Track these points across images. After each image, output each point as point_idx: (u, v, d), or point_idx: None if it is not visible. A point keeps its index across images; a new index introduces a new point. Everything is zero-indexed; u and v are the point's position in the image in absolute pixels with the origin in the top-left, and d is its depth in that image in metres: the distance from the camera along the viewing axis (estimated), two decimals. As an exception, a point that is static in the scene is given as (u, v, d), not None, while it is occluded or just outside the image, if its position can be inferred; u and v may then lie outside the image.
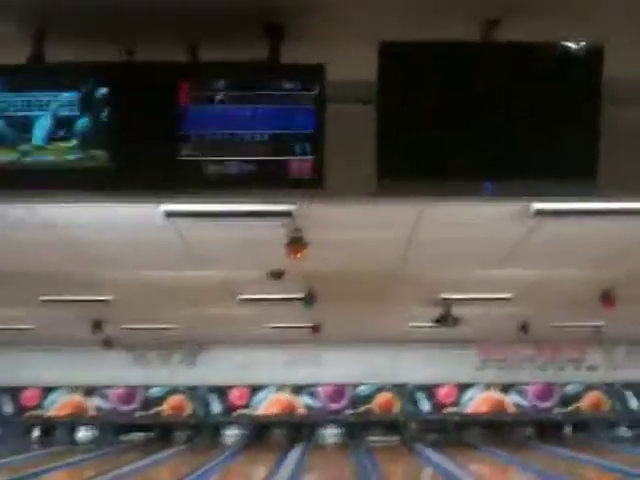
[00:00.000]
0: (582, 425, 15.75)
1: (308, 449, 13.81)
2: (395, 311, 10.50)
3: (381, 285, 8.22)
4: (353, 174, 2.84)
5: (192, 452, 13.92)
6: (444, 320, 9.42)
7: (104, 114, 2.72)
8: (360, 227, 5.39)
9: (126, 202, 3.24)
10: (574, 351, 15.59)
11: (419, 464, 12.43)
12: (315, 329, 11.94)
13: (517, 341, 14.72)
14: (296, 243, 5.62)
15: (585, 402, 15.60)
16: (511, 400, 15.59)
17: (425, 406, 15.61)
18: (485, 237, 5.68)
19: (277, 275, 7.26)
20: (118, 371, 15.40)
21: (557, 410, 15.57)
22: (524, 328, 11.55)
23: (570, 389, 15.62)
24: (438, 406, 15.57)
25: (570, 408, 15.57)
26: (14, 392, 15.69)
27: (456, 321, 9.50)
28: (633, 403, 15.61)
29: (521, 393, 15.63)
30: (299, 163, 2.65)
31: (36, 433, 15.74)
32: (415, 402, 15.63)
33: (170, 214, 5.10)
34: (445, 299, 9.07)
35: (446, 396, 15.63)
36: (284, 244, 5.60)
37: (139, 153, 2.76)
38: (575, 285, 7.94)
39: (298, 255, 5.68)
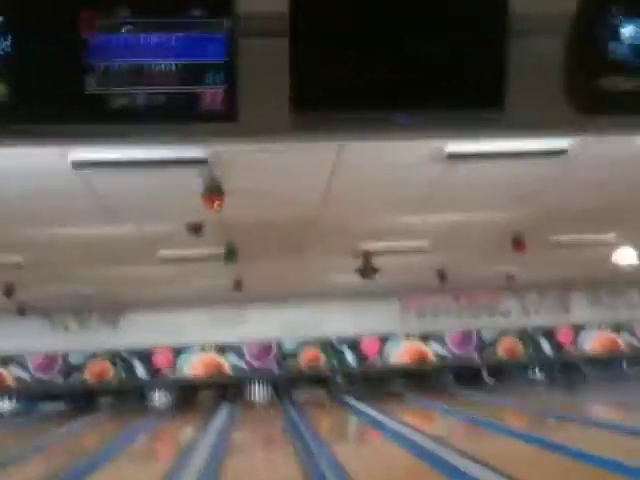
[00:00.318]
0: (499, 370, 16.60)
1: (236, 408, 13.93)
2: (316, 264, 10.62)
3: (301, 235, 8.26)
4: (267, 110, 2.80)
5: (118, 418, 13.76)
6: (365, 271, 9.59)
7: (1, 45, 2.57)
8: (277, 172, 5.37)
9: (27, 143, 3.07)
10: (488, 298, 16.29)
11: (347, 416, 12.79)
12: (237, 286, 11.91)
13: (435, 290, 15.23)
14: (213, 192, 5.54)
15: (501, 347, 16.39)
16: (432, 349, 16.19)
17: (350, 359, 16.00)
18: (401, 181, 5.78)
19: (196, 229, 7.15)
20: (35, 338, 14.92)
21: (475, 356, 16.31)
22: (442, 276, 11.91)
23: (486, 335, 16.37)
24: (363, 358, 15.99)
25: (487, 354, 16.34)
26: None
27: (375, 271, 9.69)
28: (546, 347, 16.53)
29: (441, 341, 16.25)
30: (211, 95, 2.60)
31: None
32: (340, 355, 15.98)
33: (78, 165, 4.92)
34: (364, 250, 9.22)
35: (370, 348, 16.05)
36: (201, 194, 5.53)
37: (41, 86, 2.62)
38: (488, 230, 8.25)
39: (216, 205, 5.61)
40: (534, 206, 7.05)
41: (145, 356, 15.34)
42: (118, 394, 15.30)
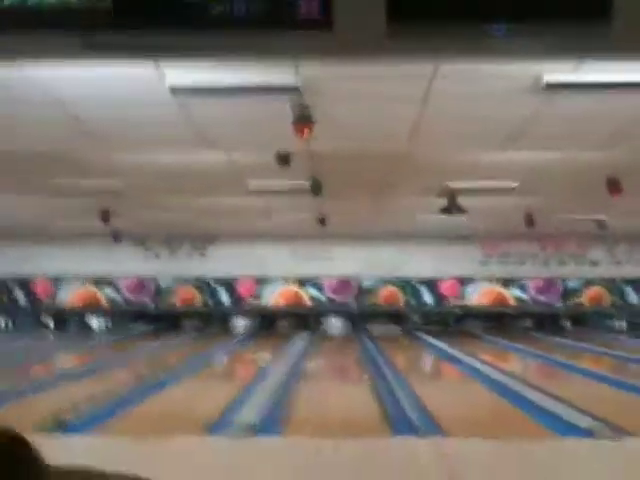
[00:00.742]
0: (581, 318, 16.24)
1: (313, 338, 14.33)
2: (401, 202, 10.57)
3: (388, 172, 8.22)
4: (363, 21, 2.77)
5: (201, 340, 14.44)
6: (450, 209, 9.48)
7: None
8: (368, 100, 5.33)
9: (124, 55, 3.16)
10: (576, 246, 15.79)
11: (423, 352, 12.92)
12: (322, 221, 12.07)
13: (520, 236, 14.90)
14: (303, 120, 5.58)
15: (585, 296, 15.96)
16: (512, 293, 15.97)
17: (428, 299, 16.04)
18: (494, 113, 5.61)
19: (284, 159, 7.24)
20: (128, 263, 15.75)
21: (557, 304, 15.97)
22: (529, 221, 11.60)
23: (571, 284, 15.95)
24: (441, 299, 15.99)
25: (570, 302, 15.96)
26: (27, 284, 16.13)
27: (462, 210, 9.55)
28: (632, 298, 15.97)
29: (522, 287, 15.98)
30: (308, 3, 2.60)
31: (50, 323, 16.33)
32: (418, 295, 16.03)
33: (176, 90, 5.06)
34: (450, 188, 9.09)
35: (449, 289, 16.00)
36: (291, 122, 5.59)
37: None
38: (582, 170, 7.91)
39: (305, 133, 5.66)
40: (635, 146, 6.70)
41: (229, 284, 15.94)
42: (202, 318, 16.05)
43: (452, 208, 9.40)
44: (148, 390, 7.41)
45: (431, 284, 15.99)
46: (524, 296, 15.97)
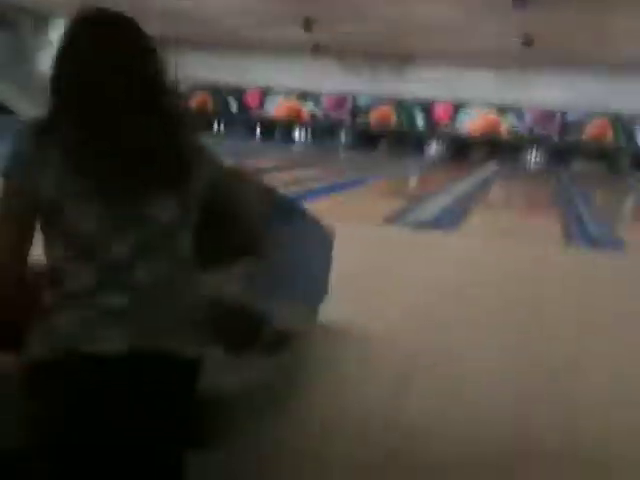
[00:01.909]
0: None
1: (506, 168, 13.94)
2: (623, 23, 9.38)
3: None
4: None
5: (394, 158, 14.73)
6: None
7: None
8: None
9: None
10: None
11: (627, 191, 12.05)
12: (527, 41, 11.19)
13: None
14: None
15: None
16: None
17: (640, 139, 14.61)
18: None
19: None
20: (329, 79, 16.10)
21: None
22: None
23: None
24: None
25: None
26: (238, 93, 17.29)
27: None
28: None
29: None
30: None
31: (258, 131, 17.60)
32: (630, 133, 14.65)
33: None
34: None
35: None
36: None
37: None
38: None
39: None
40: None
41: (426, 107, 15.75)
42: (397, 139, 16.22)
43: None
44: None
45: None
46: None
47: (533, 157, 15.54)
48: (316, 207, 6.39)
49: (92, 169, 1.01)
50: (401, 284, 3.69)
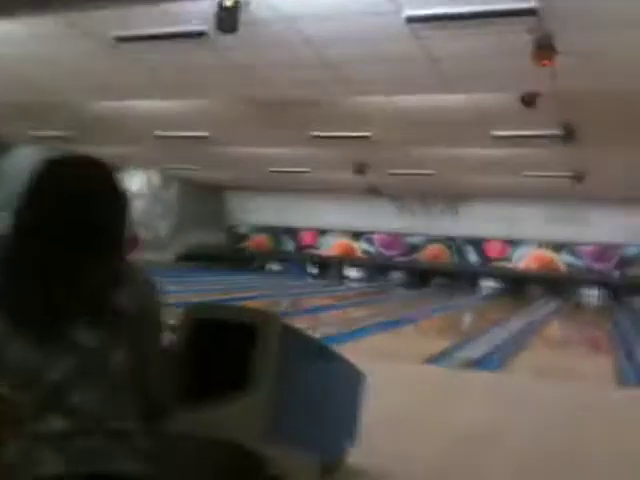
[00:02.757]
0: None
1: (564, 305, 13.62)
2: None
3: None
4: None
5: (448, 294, 14.64)
6: None
7: None
8: (620, 25, 4.93)
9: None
10: None
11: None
12: (578, 178, 11.36)
13: None
14: (543, 49, 5.36)
15: None
16: None
17: None
18: None
19: (530, 100, 7.03)
20: (383, 218, 16.52)
21: None
22: None
23: None
24: None
25: None
26: (294, 232, 17.86)
27: None
28: None
29: None
30: None
31: (313, 269, 17.93)
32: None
33: (410, 19, 5.24)
34: None
35: None
36: (530, 52, 5.41)
37: None
38: None
39: (546, 62, 5.44)
40: None
41: (478, 244, 15.82)
42: (450, 276, 16.20)
43: None
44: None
45: None
46: None
47: (591, 293, 15.15)
48: (366, 345, 6.44)
49: (16, 304, 1.10)
50: (434, 428, 3.51)
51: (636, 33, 5.11)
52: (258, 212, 16.89)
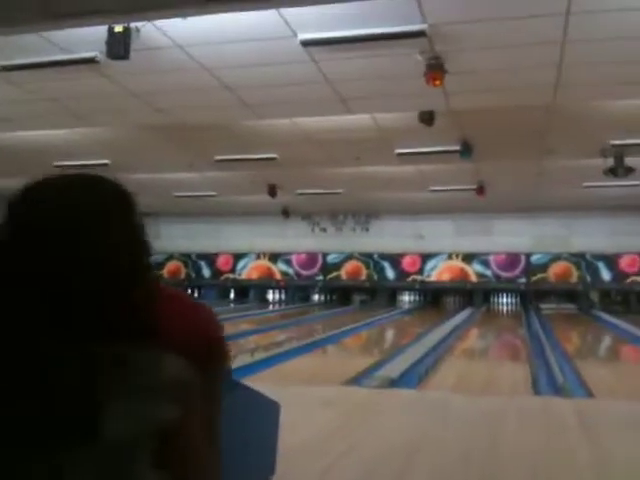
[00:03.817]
0: None
1: (478, 313, 14.04)
2: (563, 164, 9.98)
3: (539, 127, 7.86)
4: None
5: (368, 311, 14.80)
6: (616, 169, 8.81)
7: None
8: (502, 46, 5.18)
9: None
10: None
11: (599, 329, 12.08)
12: (479, 190, 11.78)
13: None
14: (434, 69, 5.57)
15: None
16: None
17: (605, 275, 14.96)
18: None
19: (428, 118, 7.26)
20: (298, 239, 16.56)
21: None
22: None
23: None
24: (620, 275, 14.83)
25: None
26: (209, 258, 17.62)
27: (629, 170, 8.84)
28: None
29: None
30: None
31: (232, 294, 17.72)
32: (595, 271, 15.01)
33: (306, 43, 5.31)
34: (615, 145, 8.45)
35: (629, 265, 14.79)
36: (423, 73, 5.60)
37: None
38: None
39: (437, 82, 5.65)
40: None
41: (394, 259, 16.11)
42: (370, 292, 16.40)
43: (618, 168, 8.73)
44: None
45: (609, 259, 14.90)
46: None
47: (503, 301, 15.73)
48: (289, 369, 6.39)
49: None
50: (354, 449, 3.51)
51: (516, 51, 5.37)
52: (170, 239, 16.54)
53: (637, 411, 4.54)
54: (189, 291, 18.01)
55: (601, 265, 14.98)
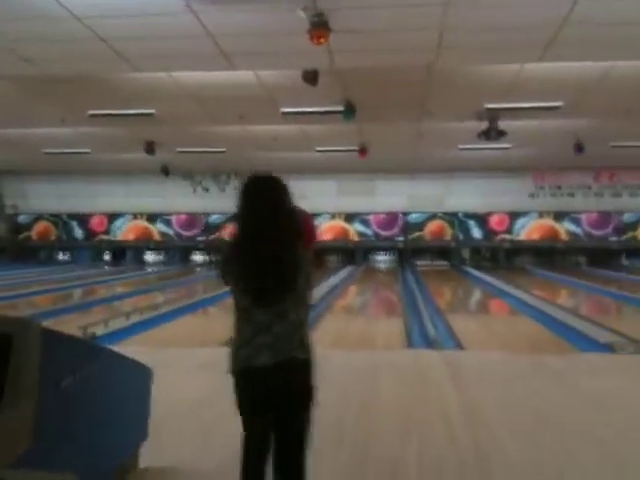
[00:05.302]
0: (638, 253, 15.64)
1: (359, 270, 14.38)
2: (440, 127, 10.27)
3: (420, 90, 7.99)
4: None
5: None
6: (489, 132, 9.19)
7: None
8: (386, 5, 5.14)
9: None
10: (633, 177, 15.10)
11: (469, 284, 12.74)
12: (362, 152, 11.93)
13: (572, 167, 14.35)
14: (318, 27, 5.45)
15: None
16: (564, 228, 15.51)
17: (477, 233, 15.78)
18: (526, 18, 5.31)
19: (311, 77, 7.14)
20: (179, 198, 16.06)
21: (612, 238, 15.43)
22: (579, 148, 11.15)
23: (627, 217, 15.35)
24: (490, 233, 15.70)
25: (626, 236, 15.39)
26: (82, 219, 16.73)
27: (501, 134, 9.25)
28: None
29: (575, 221, 15.49)
30: None
31: (107, 256, 16.97)
32: (467, 230, 15.78)
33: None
34: (489, 109, 8.78)
35: (498, 223, 15.68)
36: (307, 30, 5.46)
37: None
38: (633, 86, 7.44)
39: (322, 40, 5.54)
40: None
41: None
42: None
43: (491, 131, 9.10)
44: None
45: (480, 218, 15.70)
46: (577, 230, 15.50)
47: (381, 259, 16.21)
48: (164, 332, 6.20)
49: (246, 268, 2.02)
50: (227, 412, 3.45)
51: (400, 11, 5.35)
52: (39, 199, 15.51)
53: (503, 361, 4.81)
54: (60, 253, 17.11)
55: (472, 224, 15.75)
